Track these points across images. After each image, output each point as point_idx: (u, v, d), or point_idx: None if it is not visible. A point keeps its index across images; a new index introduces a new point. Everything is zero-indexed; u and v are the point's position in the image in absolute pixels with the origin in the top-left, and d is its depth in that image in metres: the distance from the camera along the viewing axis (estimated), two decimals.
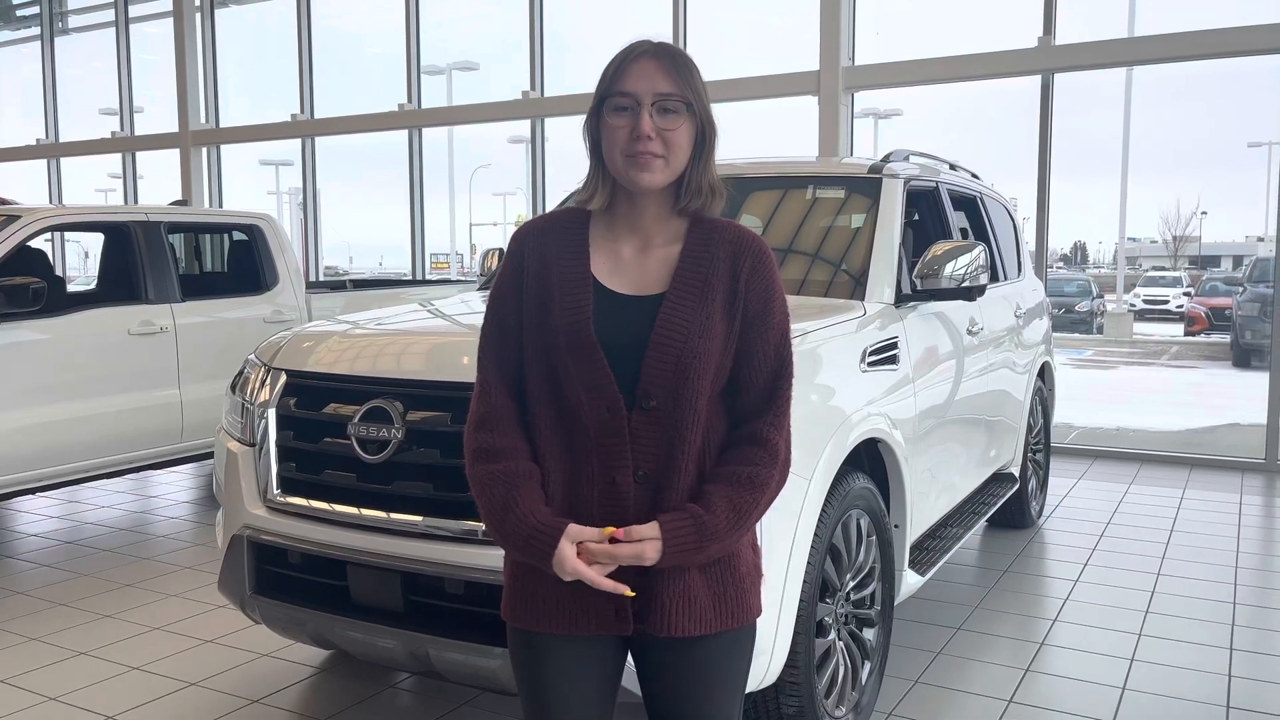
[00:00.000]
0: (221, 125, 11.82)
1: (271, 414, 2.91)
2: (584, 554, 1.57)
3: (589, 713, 1.70)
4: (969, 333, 4.09)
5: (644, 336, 1.60)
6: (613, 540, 1.58)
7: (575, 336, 1.60)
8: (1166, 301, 23.49)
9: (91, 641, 3.87)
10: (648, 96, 1.59)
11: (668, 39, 1.67)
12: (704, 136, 1.64)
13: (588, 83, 9.47)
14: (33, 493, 5.18)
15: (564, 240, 1.68)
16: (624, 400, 1.60)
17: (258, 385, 3.02)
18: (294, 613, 2.81)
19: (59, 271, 11.87)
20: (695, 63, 1.65)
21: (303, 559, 2.81)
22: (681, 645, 1.66)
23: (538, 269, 1.66)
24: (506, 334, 1.69)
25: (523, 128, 9.80)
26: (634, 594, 1.58)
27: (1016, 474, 4.98)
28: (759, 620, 1.73)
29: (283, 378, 2.95)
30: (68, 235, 12.82)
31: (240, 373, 3.19)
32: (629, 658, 1.75)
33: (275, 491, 2.86)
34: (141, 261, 5.48)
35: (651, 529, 1.57)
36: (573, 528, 1.58)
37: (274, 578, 2.89)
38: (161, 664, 3.65)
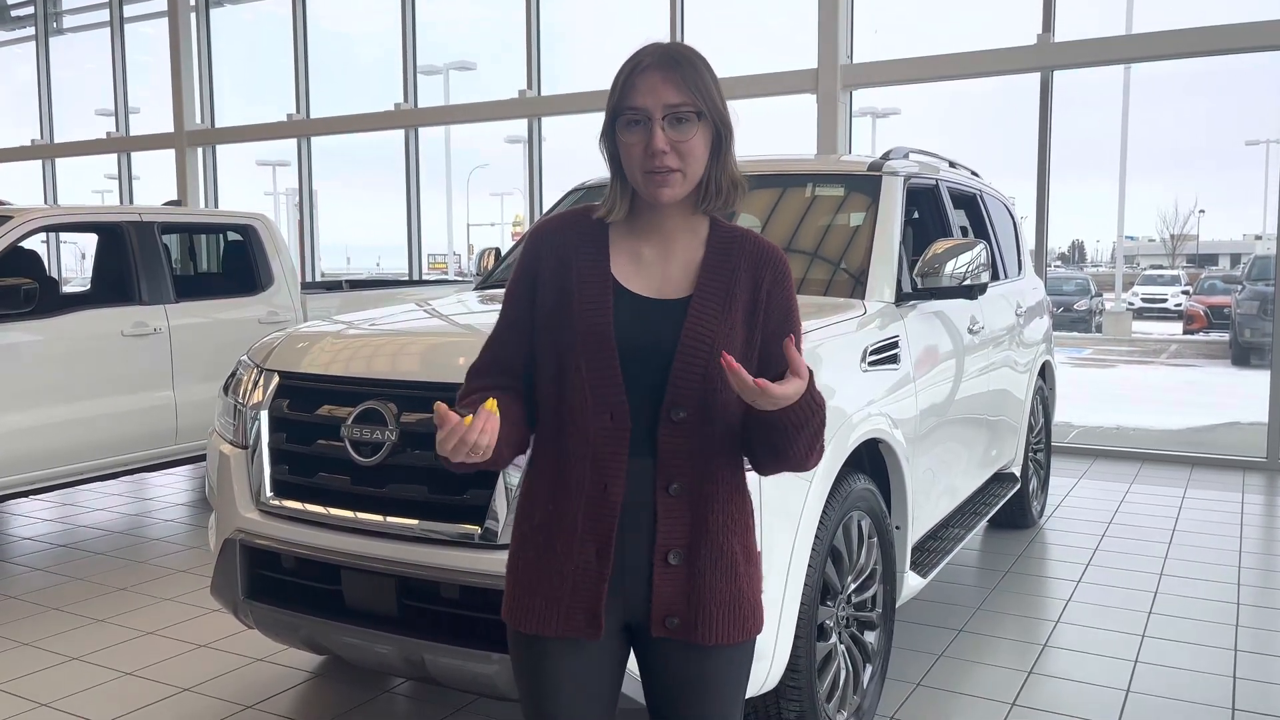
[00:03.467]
0: (217, 125, 11.77)
1: (264, 416, 2.87)
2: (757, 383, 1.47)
3: (589, 715, 1.68)
4: (970, 332, 4.06)
5: (665, 342, 1.59)
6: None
7: (594, 338, 1.58)
8: (1165, 300, 23.48)
9: (84, 646, 3.82)
10: (658, 110, 1.56)
11: (665, 38, 1.64)
12: (720, 137, 1.62)
13: (585, 82, 9.49)
14: (26, 496, 5.14)
15: (583, 240, 1.66)
16: (629, 410, 1.58)
17: (250, 387, 2.98)
18: (287, 618, 2.77)
19: (53, 272, 11.85)
20: (705, 61, 1.62)
21: (296, 563, 2.77)
22: (689, 654, 1.65)
23: (555, 269, 1.65)
24: (514, 329, 1.69)
25: (520, 127, 9.76)
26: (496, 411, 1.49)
27: (1018, 474, 4.95)
28: None
29: (275, 379, 2.91)
30: (65, 236, 12.78)
31: (233, 374, 3.15)
32: (630, 662, 1.73)
33: (268, 494, 2.82)
34: (135, 262, 5.44)
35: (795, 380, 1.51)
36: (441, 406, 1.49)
37: (267, 582, 2.85)
38: (154, 669, 3.60)
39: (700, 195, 1.64)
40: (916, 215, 4.24)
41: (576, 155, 10.36)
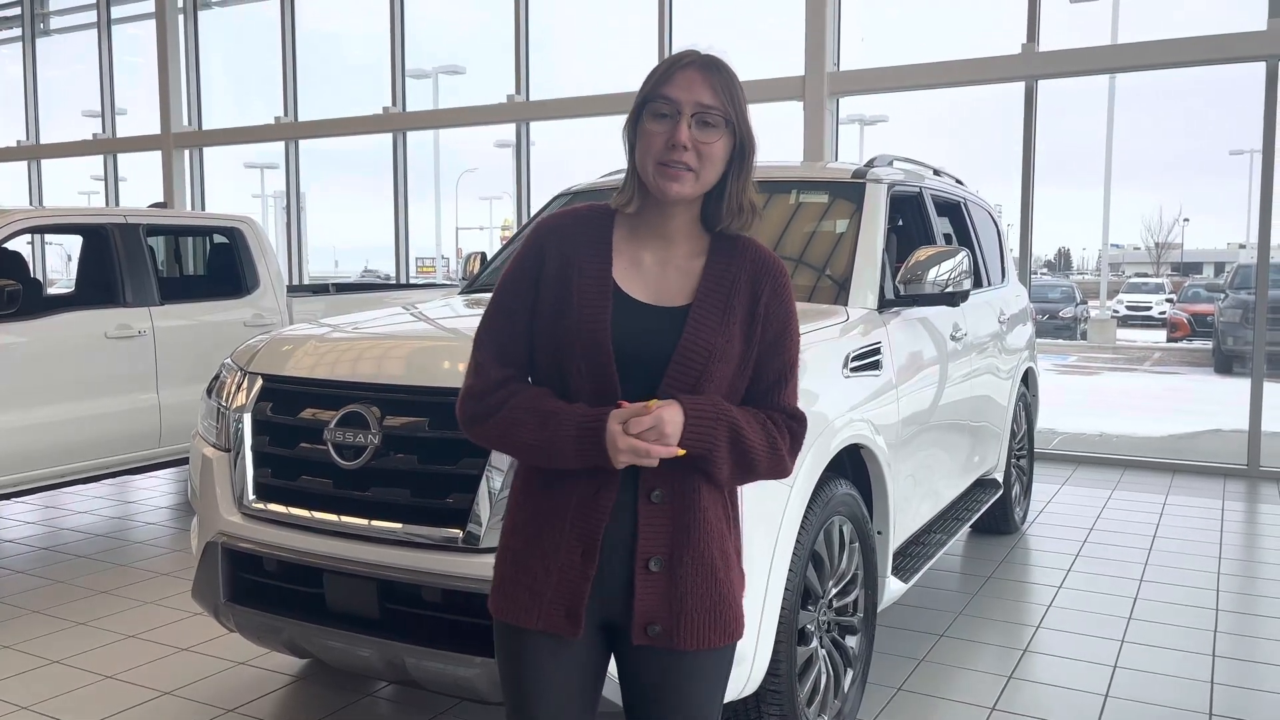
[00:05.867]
0: (204, 127, 11.73)
1: (247, 419, 2.87)
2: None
3: (568, 710, 1.69)
4: (952, 338, 4.09)
5: (661, 348, 1.60)
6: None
7: (591, 343, 1.59)
8: (1149, 308, 23.61)
9: (65, 649, 3.81)
10: (689, 106, 1.58)
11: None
12: (743, 153, 1.64)
13: (573, 87, 9.49)
14: (8, 498, 5.11)
15: (587, 241, 1.67)
16: None
17: (234, 389, 2.98)
18: (269, 621, 2.76)
19: (38, 274, 11.78)
20: (738, 78, 1.65)
21: (278, 566, 2.77)
22: (669, 659, 1.65)
23: (558, 268, 1.65)
24: (510, 319, 1.68)
25: (508, 131, 9.78)
26: (684, 451, 1.55)
27: (1000, 480, 4.98)
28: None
29: (259, 382, 2.91)
30: (50, 238, 12.71)
31: (216, 376, 3.15)
32: (611, 665, 1.74)
33: (250, 497, 2.82)
34: (119, 264, 5.42)
35: (671, 402, 1.55)
36: (616, 412, 1.55)
37: (249, 585, 2.84)
38: (135, 672, 3.59)
39: (721, 213, 1.65)
40: (900, 222, 4.27)
41: (564, 160, 10.38)
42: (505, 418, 1.62)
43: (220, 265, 6.33)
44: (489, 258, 4.56)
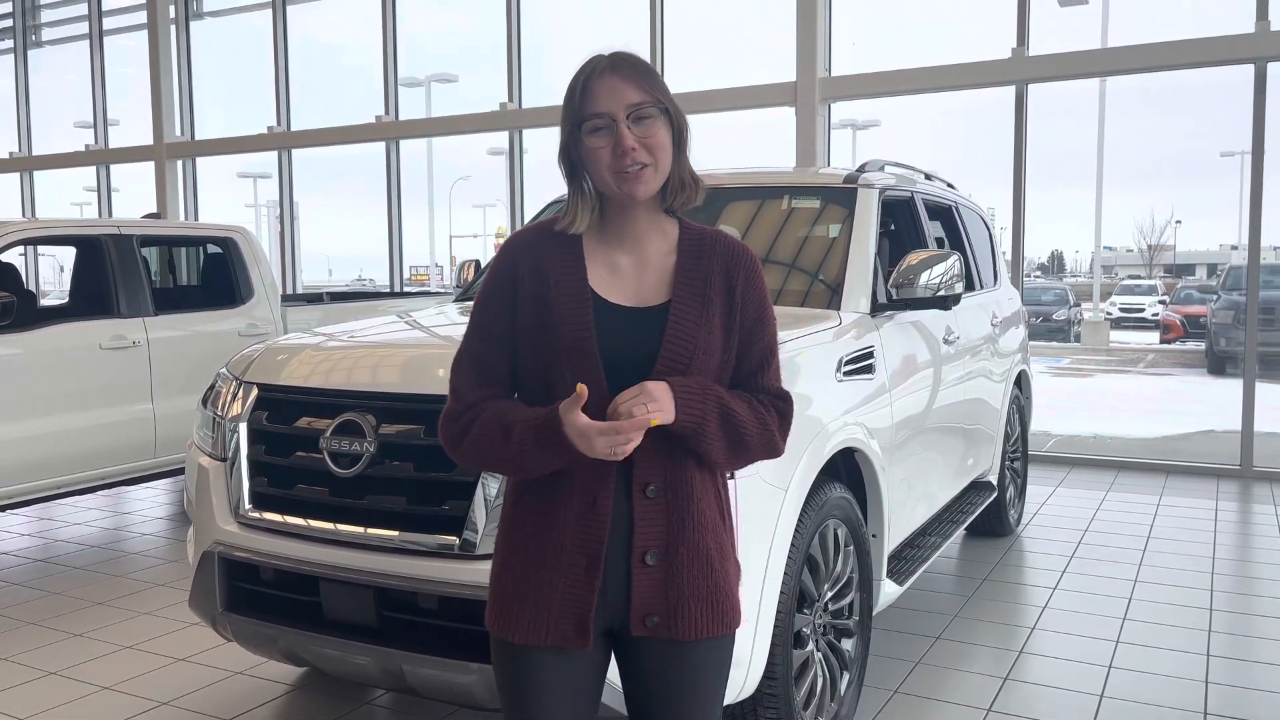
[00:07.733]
0: (197, 138, 11.74)
1: (243, 428, 2.88)
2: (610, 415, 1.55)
3: (570, 718, 1.69)
4: (945, 342, 4.10)
5: (645, 350, 1.61)
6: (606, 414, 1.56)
7: (577, 352, 1.60)
8: (1142, 310, 23.65)
9: (61, 661, 3.80)
10: (621, 110, 1.60)
11: (645, 51, 1.69)
12: (678, 132, 1.66)
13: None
14: (3, 510, 5.10)
15: (559, 253, 1.67)
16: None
17: (229, 399, 2.98)
18: (266, 629, 2.77)
19: (31, 285, 11.76)
20: (648, 62, 1.69)
21: (275, 575, 2.77)
22: (670, 652, 1.66)
23: (533, 284, 1.65)
24: (488, 340, 1.68)
25: (501, 139, 9.80)
26: (657, 420, 1.55)
27: (994, 482, 4.99)
28: (737, 631, 1.74)
29: (254, 391, 2.92)
30: (43, 249, 12.70)
31: (212, 386, 3.15)
32: (610, 672, 1.74)
33: (247, 506, 2.83)
34: (113, 275, 5.42)
35: (658, 382, 1.57)
36: (561, 405, 1.56)
37: (245, 594, 2.85)
38: (132, 683, 3.59)
39: (665, 192, 1.67)
40: (892, 227, 4.29)
41: (558, 167, 10.38)
42: (475, 436, 1.64)
43: (214, 275, 6.34)
44: (483, 265, 4.57)
